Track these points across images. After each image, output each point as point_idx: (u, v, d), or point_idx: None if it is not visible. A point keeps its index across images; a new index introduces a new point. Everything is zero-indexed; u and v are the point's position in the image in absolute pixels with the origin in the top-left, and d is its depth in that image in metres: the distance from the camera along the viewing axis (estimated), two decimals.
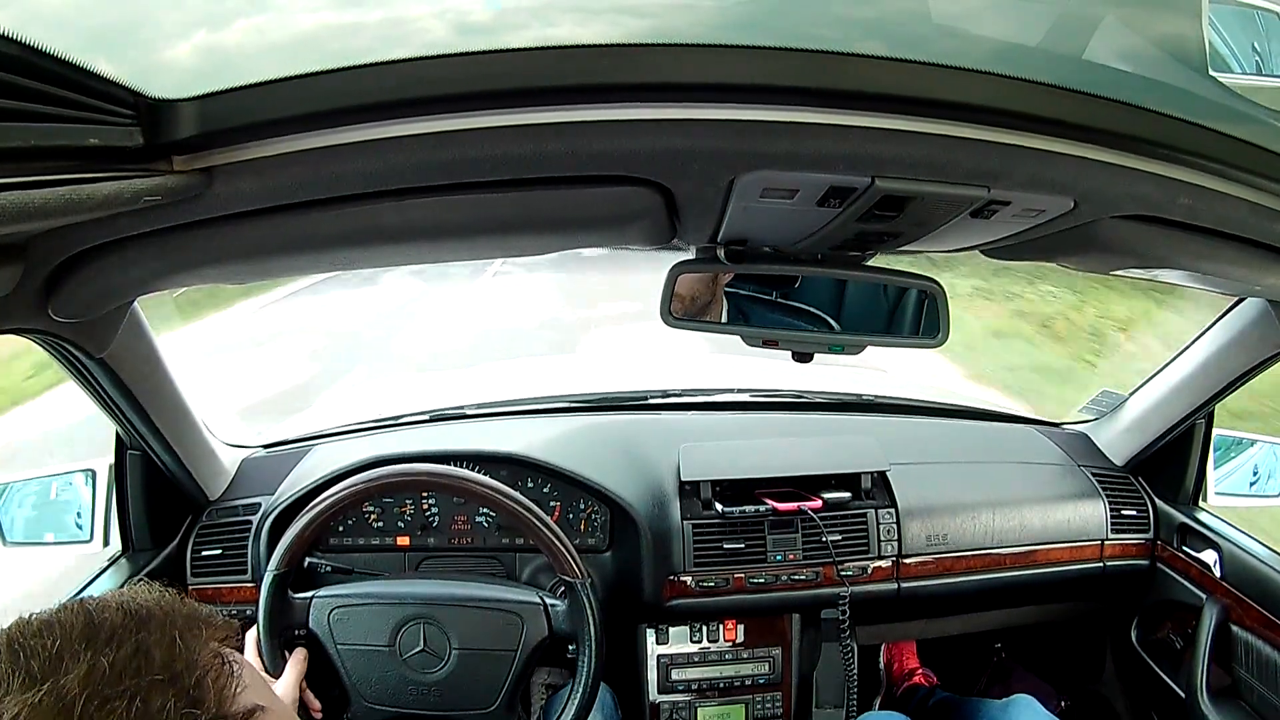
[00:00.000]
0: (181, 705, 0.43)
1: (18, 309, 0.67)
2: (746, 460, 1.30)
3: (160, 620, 0.46)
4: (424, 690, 0.99)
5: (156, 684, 0.43)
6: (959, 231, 0.71)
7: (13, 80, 0.41)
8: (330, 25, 0.62)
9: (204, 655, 0.47)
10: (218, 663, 0.47)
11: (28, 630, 0.43)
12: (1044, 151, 0.57)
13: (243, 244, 0.65)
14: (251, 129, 0.53)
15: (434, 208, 0.62)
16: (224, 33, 0.61)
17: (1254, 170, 0.61)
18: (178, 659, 0.45)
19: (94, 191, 0.47)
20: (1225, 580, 1.23)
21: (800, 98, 0.52)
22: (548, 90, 0.52)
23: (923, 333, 0.86)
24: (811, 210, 0.65)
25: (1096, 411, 1.55)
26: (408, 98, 0.52)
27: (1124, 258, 0.77)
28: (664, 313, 0.83)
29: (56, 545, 1.14)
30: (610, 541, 1.28)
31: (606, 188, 0.62)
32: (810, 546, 1.26)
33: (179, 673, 0.44)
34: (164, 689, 0.43)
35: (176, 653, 0.45)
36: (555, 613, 1.00)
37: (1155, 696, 1.36)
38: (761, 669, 1.32)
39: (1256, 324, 1.10)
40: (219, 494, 1.26)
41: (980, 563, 1.31)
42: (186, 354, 5.76)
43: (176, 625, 0.46)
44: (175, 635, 0.45)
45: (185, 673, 0.44)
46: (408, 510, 1.27)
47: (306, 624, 0.99)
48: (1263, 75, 0.62)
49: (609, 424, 1.44)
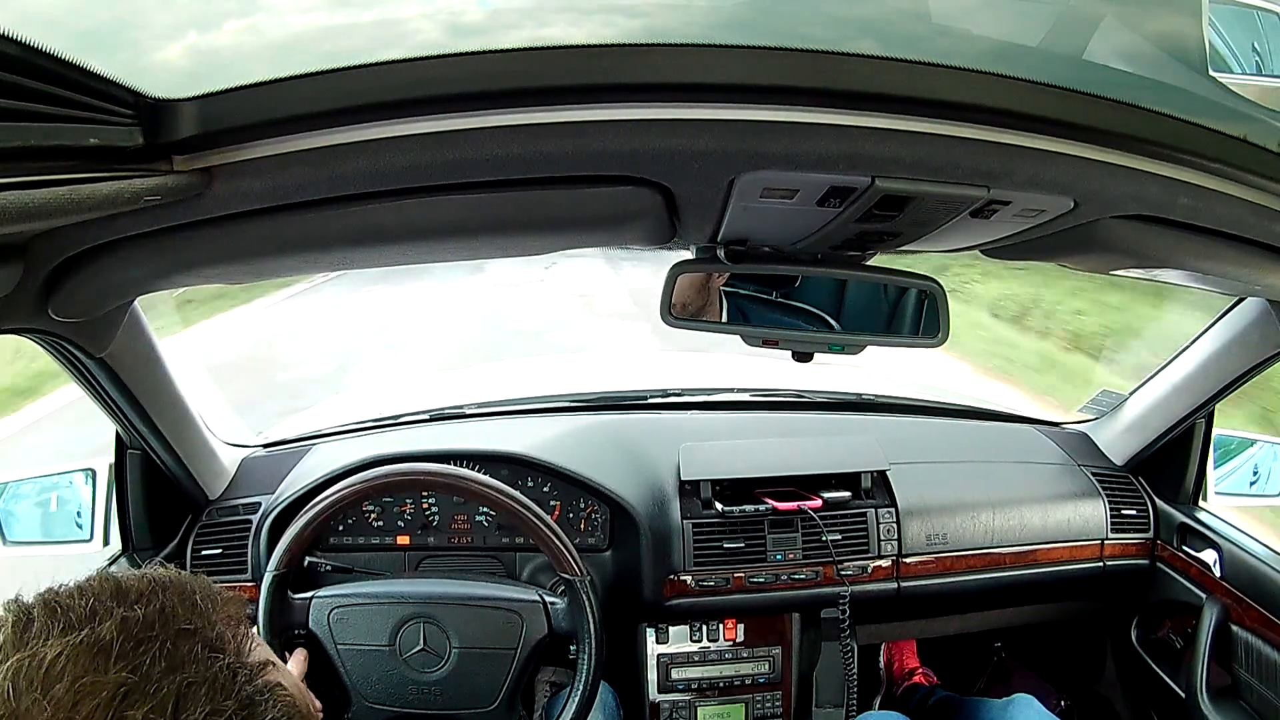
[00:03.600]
0: (206, 651, 0.49)
1: (18, 309, 0.67)
2: (746, 460, 1.30)
3: (179, 587, 0.52)
4: (424, 689, 0.99)
5: (183, 633, 0.49)
6: (959, 231, 0.71)
7: (13, 80, 0.41)
8: (322, 26, 0.62)
9: (220, 617, 0.53)
10: (234, 623, 0.54)
11: (61, 593, 0.49)
12: (1044, 151, 0.57)
13: (243, 244, 0.65)
14: (251, 129, 0.53)
15: (434, 208, 0.62)
16: (215, 33, 0.61)
17: (1254, 170, 0.61)
18: (198, 616, 0.51)
19: (94, 191, 0.47)
20: (1225, 580, 1.23)
21: (800, 98, 0.53)
22: (548, 90, 0.52)
23: (923, 332, 0.86)
24: (811, 210, 0.65)
25: (1096, 411, 1.54)
26: (408, 98, 0.52)
27: (1124, 258, 0.77)
28: (664, 312, 0.83)
29: (56, 545, 1.14)
30: (610, 541, 1.28)
31: (607, 188, 0.62)
32: (810, 546, 1.26)
33: (200, 627, 0.50)
34: (190, 637, 0.49)
35: (197, 611, 0.51)
36: (555, 611, 1.00)
37: (1155, 696, 1.36)
38: (761, 668, 1.32)
39: (1256, 324, 1.10)
40: (219, 493, 1.26)
41: (980, 562, 1.31)
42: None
43: (195, 593, 0.52)
44: (195, 599, 0.52)
45: (206, 627, 0.51)
46: (408, 509, 1.27)
47: (306, 624, 0.99)
48: (1263, 75, 0.62)
49: (609, 424, 1.44)
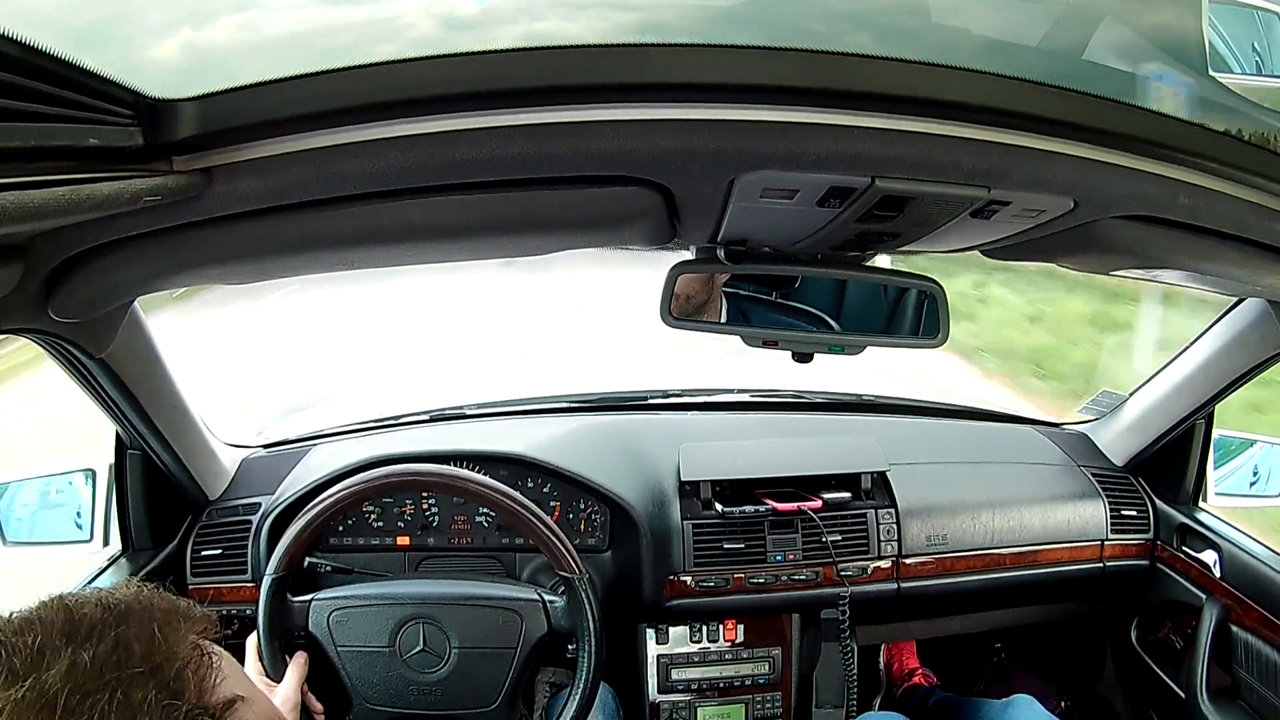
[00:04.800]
0: (163, 697, 0.43)
1: (18, 309, 0.67)
2: (746, 460, 1.30)
3: (139, 614, 0.46)
4: (425, 690, 0.99)
5: (137, 676, 0.43)
6: (959, 232, 0.71)
7: (13, 80, 0.41)
8: (316, 22, 0.62)
9: (183, 647, 0.47)
10: (197, 654, 0.48)
11: (8, 629, 0.44)
12: (1044, 151, 0.57)
13: (243, 244, 0.65)
14: (251, 129, 0.53)
15: (434, 208, 0.62)
16: (209, 30, 0.61)
17: (1254, 170, 0.61)
18: (157, 652, 0.45)
19: (94, 191, 0.47)
20: (1225, 580, 1.23)
21: (800, 98, 0.52)
22: (548, 90, 0.52)
23: (923, 333, 0.86)
24: (811, 210, 0.65)
25: (1096, 411, 1.54)
26: (408, 98, 0.52)
27: (1124, 258, 0.77)
28: (663, 313, 0.83)
29: (56, 545, 1.14)
30: (610, 541, 1.28)
31: (607, 188, 0.61)
32: (810, 546, 1.26)
33: (159, 665, 0.45)
34: (144, 681, 0.43)
35: (156, 645, 0.45)
36: (554, 609, 1.00)
37: (1155, 696, 1.36)
38: (761, 669, 1.32)
39: (1256, 324, 1.10)
40: (219, 494, 1.26)
41: (980, 563, 1.31)
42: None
43: (155, 619, 0.47)
44: (154, 629, 0.46)
45: (165, 665, 0.45)
46: (408, 510, 1.27)
47: (306, 627, 0.99)
48: (1263, 75, 0.62)
49: (609, 424, 1.44)
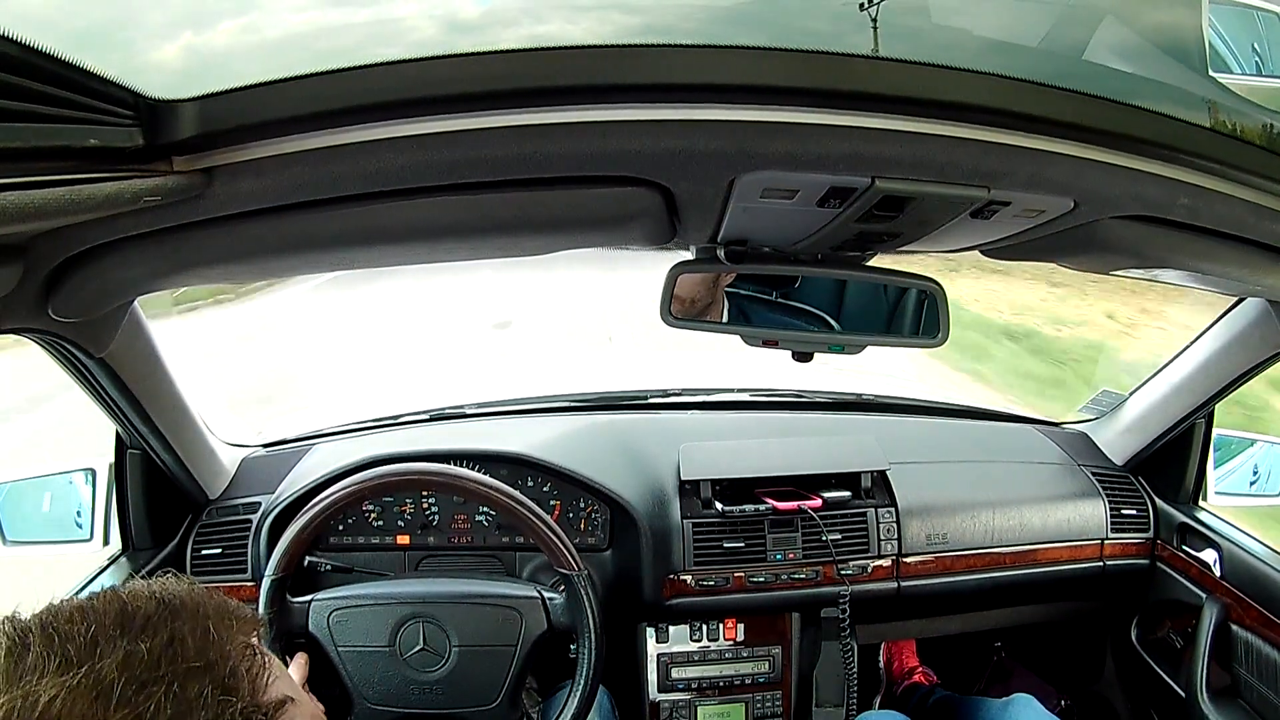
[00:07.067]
0: (217, 693, 0.43)
1: (18, 309, 0.67)
2: (746, 459, 1.30)
3: (192, 610, 0.46)
4: (426, 689, 0.99)
5: (193, 671, 0.43)
6: (959, 232, 0.71)
7: (13, 80, 0.41)
8: (318, 24, 0.62)
9: (235, 646, 0.47)
10: (249, 654, 0.48)
11: (60, 615, 0.43)
12: (1044, 152, 0.57)
13: (243, 244, 0.65)
14: (251, 129, 0.53)
15: (434, 208, 0.62)
16: (210, 33, 0.61)
17: (1254, 170, 0.61)
18: (211, 648, 0.45)
19: (94, 191, 0.47)
20: (1225, 579, 1.23)
21: (800, 98, 0.52)
22: (548, 91, 0.52)
23: (922, 332, 0.86)
24: (811, 210, 0.65)
25: (1096, 411, 1.54)
26: (408, 98, 0.52)
27: (1124, 258, 0.77)
28: (664, 313, 0.83)
29: (56, 544, 1.14)
30: (610, 540, 1.28)
31: (607, 188, 0.62)
32: (810, 545, 1.26)
33: (213, 662, 0.45)
34: (200, 676, 0.43)
35: (210, 642, 0.45)
36: (553, 606, 1.00)
37: (1155, 696, 1.36)
38: (761, 668, 1.32)
39: (1256, 324, 1.10)
40: (219, 493, 1.26)
41: (980, 562, 1.31)
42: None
43: (208, 616, 0.47)
44: (208, 625, 0.46)
45: (219, 662, 0.45)
46: (407, 509, 1.27)
47: (306, 627, 0.99)
48: (1263, 75, 0.62)
49: (609, 423, 1.44)
